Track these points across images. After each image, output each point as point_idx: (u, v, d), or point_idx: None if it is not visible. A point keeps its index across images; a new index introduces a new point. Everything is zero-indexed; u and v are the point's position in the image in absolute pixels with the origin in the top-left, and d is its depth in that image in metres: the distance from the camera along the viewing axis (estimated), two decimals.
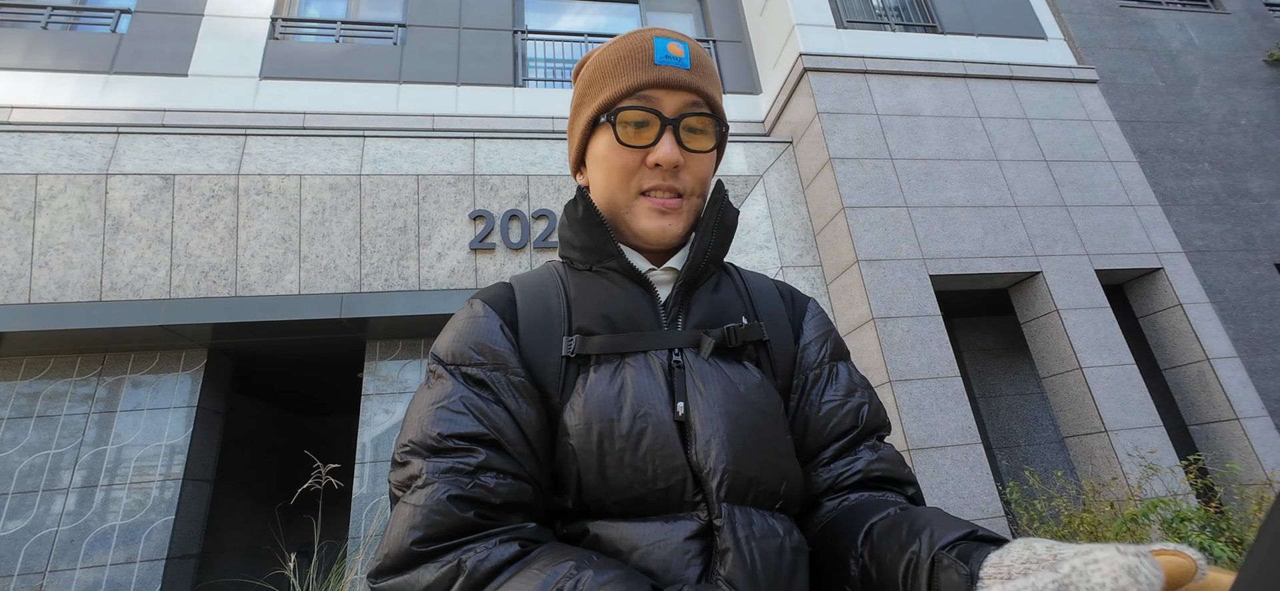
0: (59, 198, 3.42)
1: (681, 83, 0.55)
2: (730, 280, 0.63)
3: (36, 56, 4.14)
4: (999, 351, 4.79)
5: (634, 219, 0.57)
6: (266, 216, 3.60)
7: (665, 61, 0.55)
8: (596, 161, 0.59)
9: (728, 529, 0.46)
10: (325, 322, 3.47)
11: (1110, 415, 3.35)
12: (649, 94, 0.55)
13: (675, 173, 0.56)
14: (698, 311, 0.57)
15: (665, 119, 0.55)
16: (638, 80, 0.55)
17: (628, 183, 0.57)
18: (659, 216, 0.56)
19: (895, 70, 4.37)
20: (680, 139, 0.55)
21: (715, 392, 0.51)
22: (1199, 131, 5.21)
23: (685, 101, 0.56)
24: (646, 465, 0.48)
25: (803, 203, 4.27)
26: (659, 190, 0.56)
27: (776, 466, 0.51)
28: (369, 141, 3.93)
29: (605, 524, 0.48)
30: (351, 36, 4.78)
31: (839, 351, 0.62)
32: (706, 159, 0.58)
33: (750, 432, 0.50)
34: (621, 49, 0.57)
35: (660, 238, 0.57)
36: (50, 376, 3.38)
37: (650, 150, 0.55)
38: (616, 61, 0.57)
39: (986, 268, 3.73)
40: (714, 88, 0.59)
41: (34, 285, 3.25)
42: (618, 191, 0.57)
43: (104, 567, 3.04)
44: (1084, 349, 3.53)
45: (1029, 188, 4.08)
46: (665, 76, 0.55)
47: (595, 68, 0.59)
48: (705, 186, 0.59)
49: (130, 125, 3.74)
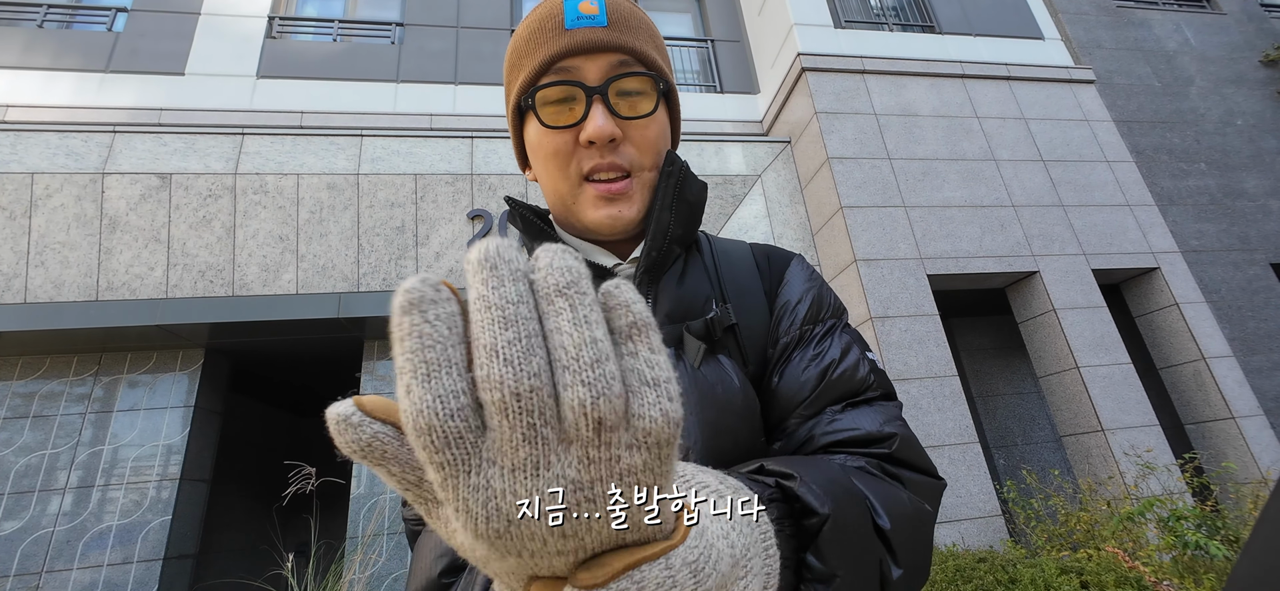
0: (55, 197, 3.40)
1: (600, 43, 0.48)
2: (700, 258, 0.55)
3: (32, 55, 4.12)
4: (996, 351, 4.81)
5: (581, 211, 0.50)
6: (264, 216, 3.59)
7: (577, 23, 0.48)
8: (534, 154, 0.52)
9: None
10: (323, 322, 3.46)
11: (1107, 414, 3.36)
12: (565, 64, 0.48)
13: (615, 148, 0.49)
14: (663, 305, 0.51)
15: (588, 88, 0.47)
16: (550, 52, 0.48)
17: (566, 170, 0.49)
18: (606, 204, 0.49)
19: (893, 70, 4.38)
20: (611, 107, 0.48)
21: (690, 397, 0.46)
22: (1195, 132, 5.23)
23: (610, 63, 0.48)
24: None
25: (801, 202, 4.27)
26: (601, 171, 0.49)
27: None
28: (367, 141, 3.92)
29: None
30: (349, 35, 4.76)
31: (818, 311, 0.53)
32: (650, 124, 0.50)
33: (728, 438, 0.45)
34: (531, 22, 0.50)
35: (612, 227, 0.50)
36: (46, 376, 3.37)
37: (580, 128, 0.48)
38: (527, 37, 0.50)
39: (984, 267, 3.74)
40: (644, 40, 0.50)
41: (30, 284, 3.24)
42: (559, 181, 0.50)
43: (101, 568, 3.03)
44: (1081, 348, 3.55)
45: (1026, 187, 4.10)
46: (579, 40, 0.48)
47: (511, 51, 0.52)
48: (657, 155, 0.51)
49: (127, 124, 3.73)
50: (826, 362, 0.49)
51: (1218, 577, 2.06)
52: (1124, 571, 2.01)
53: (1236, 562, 0.24)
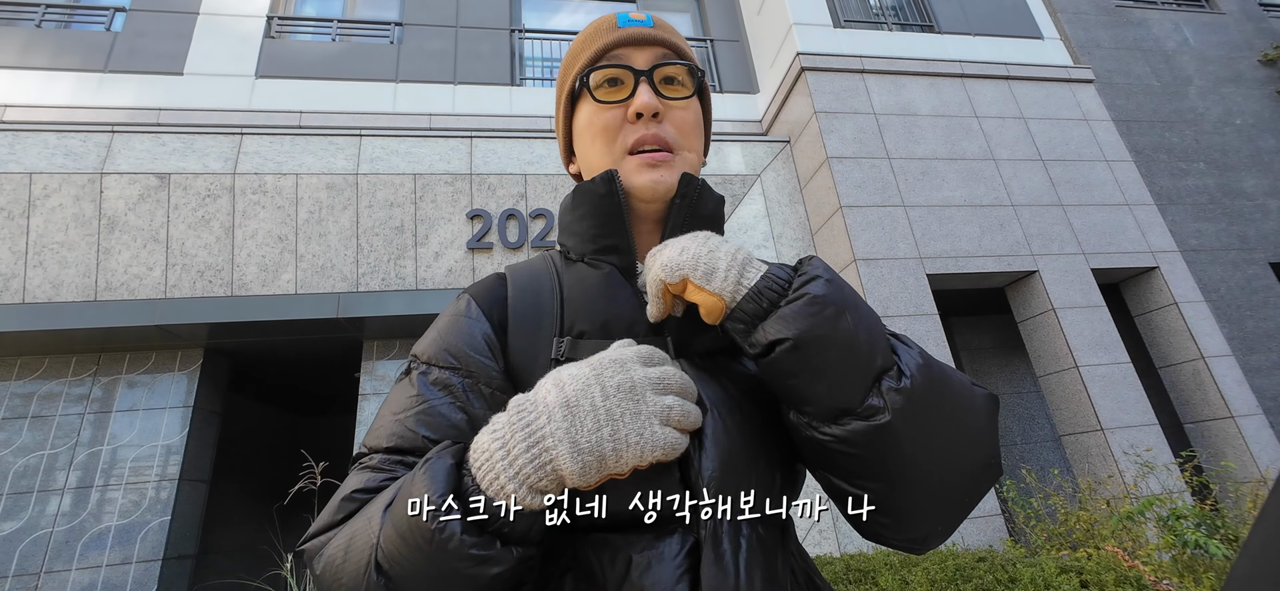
0: (53, 197, 3.40)
1: (648, 38, 0.57)
2: None
3: (30, 55, 4.11)
4: (996, 350, 4.81)
5: (626, 177, 0.56)
6: (263, 216, 3.59)
7: (629, 24, 0.58)
8: (581, 135, 0.59)
9: (711, 541, 0.45)
10: (322, 322, 3.46)
11: (1106, 413, 3.37)
12: (618, 52, 0.57)
13: (658, 122, 0.56)
14: (689, 310, 0.54)
15: (637, 71, 0.56)
16: (604, 43, 0.57)
17: (613, 143, 0.56)
18: (649, 169, 0.55)
19: (892, 69, 4.38)
20: (656, 89, 0.56)
21: (709, 395, 0.49)
22: (1194, 131, 5.24)
23: (655, 54, 0.57)
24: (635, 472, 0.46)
25: (800, 202, 4.27)
26: (646, 143, 0.55)
27: (766, 470, 0.49)
28: (366, 141, 3.92)
29: (592, 533, 0.46)
30: (348, 35, 4.76)
31: None
32: (688, 108, 0.58)
33: (743, 434, 0.48)
34: (587, 30, 0.60)
35: (653, 190, 0.55)
36: (45, 376, 3.36)
37: (629, 103, 0.56)
38: (583, 39, 0.60)
39: (983, 267, 3.74)
40: (682, 43, 0.60)
41: (28, 285, 3.23)
42: (605, 155, 0.57)
43: (100, 568, 3.02)
44: (1080, 348, 3.55)
45: (1025, 187, 4.10)
46: (631, 35, 0.57)
47: (567, 55, 0.62)
48: (694, 142, 0.59)
49: (125, 124, 3.72)
50: None
51: (1217, 576, 2.07)
52: (1124, 570, 2.01)
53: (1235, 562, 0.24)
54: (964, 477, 0.45)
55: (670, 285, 0.47)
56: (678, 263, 0.46)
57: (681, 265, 0.46)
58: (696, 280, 0.45)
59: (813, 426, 0.45)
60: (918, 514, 0.45)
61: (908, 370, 0.43)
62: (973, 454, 0.45)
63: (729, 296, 0.45)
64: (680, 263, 0.46)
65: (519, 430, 0.39)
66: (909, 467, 0.43)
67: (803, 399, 0.44)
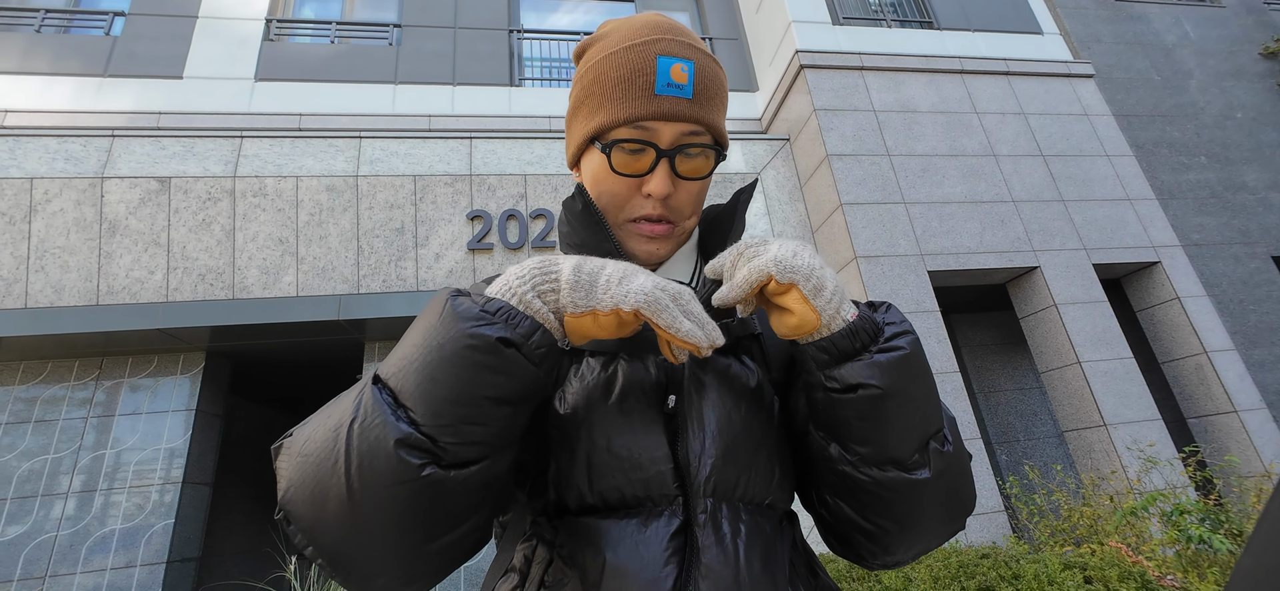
0: (54, 201, 3.40)
1: (682, 114, 0.53)
2: None
3: (31, 60, 4.12)
4: (997, 347, 4.80)
5: (623, 239, 0.58)
6: (263, 219, 3.59)
7: (666, 91, 0.52)
8: (590, 178, 0.58)
9: (709, 527, 0.46)
10: (323, 324, 3.46)
11: (1109, 409, 3.36)
12: (646, 125, 0.53)
13: (665, 202, 0.56)
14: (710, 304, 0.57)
15: (661, 150, 0.53)
16: (635, 112, 0.52)
17: (619, 209, 0.57)
18: (647, 242, 0.57)
19: (892, 66, 4.37)
20: (675, 168, 0.54)
21: (707, 389, 0.50)
22: (1195, 125, 5.22)
23: (684, 131, 0.54)
24: (629, 454, 0.47)
25: (800, 200, 4.27)
26: (650, 219, 0.56)
27: (766, 464, 0.50)
28: (365, 142, 3.92)
29: (584, 519, 0.47)
30: (347, 37, 4.76)
31: None
32: (701, 184, 0.58)
33: (741, 429, 0.50)
34: (623, 68, 0.54)
35: (647, 261, 0.58)
36: (48, 381, 3.37)
37: (644, 180, 0.55)
38: (616, 82, 0.54)
39: (984, 263, 3.73)
40: (717, 111, 0.56)
41: (30, 289, 3.24)
42: (609, 211, 0.58)
43: (104, 572, 3.03)
44: (1082, 343, 3.54)
45: (1026, 183, 4.09)
46: (665, 108, 0.52)
47: (594, 78, 0.56)
48: (697, 206, 0.59)
49: (126, 128, 3.73)
50: None
51: (1222, 571, 2.06)
52: (1127, 566, 2.01)
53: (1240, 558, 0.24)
54: (952, 528, 0.51)
55: (773, 284, 0.44)
56: (793, 266, 0.43)
57: (796, 269, 0.43)
58: (806, 291, 0.43)
59: (852, 463, 0.47)
60: (904, 549, 0.51)
61: (950, 436, 0.48)
62: (967, 510, 0.52)
63: (826, 320, 0.44)
64: (795, 267, 0.43)
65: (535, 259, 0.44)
66: (922, 517, 0.48)
67: (860, 440, 0.45)
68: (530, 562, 0.48)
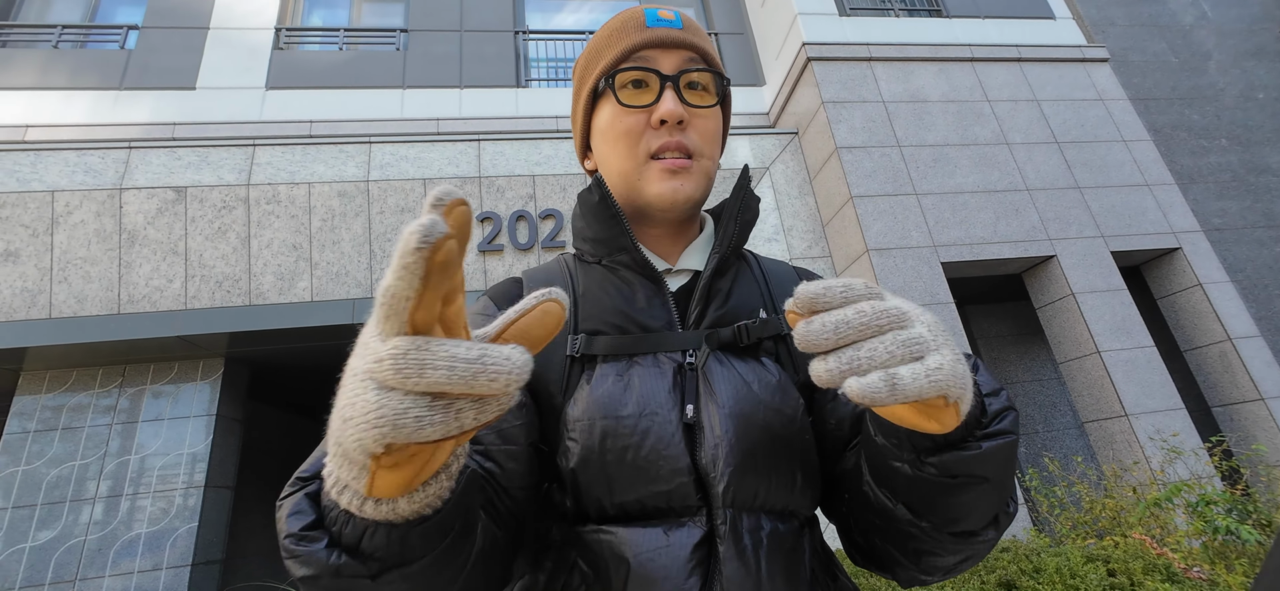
0: (75, 213, 3.48)
1: (676, 40, 0.55)
2: (748, 271, 0.60)
3: (49, 75, 4.21)
4: (1014, 337, 4.73)
5: (646, 185, 0.55)
6: (277, 225, 3.64)
7: (657, 24, 0.56)
8: (602, 136, 0.57)
9: (731, 537, 0.44)
10: (338, 328, 3.50)
11: (1130, 399, 3.30)
12: (645, 54, 0.55)
13: (682, 130, 0.55)
14: (714, 308, 0.55)
15: (664, 76, 0.54)
16: (631, 43, 0.55)
17: (635, 147, 0.55)
18: (670, 178, 0.54)
19: (900, 56, 4.32)
20: (681, 95, 0.55)
21: (727, 394, 0.49)
22: (1215, 107, 5.10)
23: (682, 58, 0.55)
24: (649, 466, 0.46)
25: (810, 194, 4.23)
26: (668, 150, 0.54)
27: (789, 470, 0.49)
28: (375, 147, 3.95)
29: (603, 528, 0.46)
30: (355, 43, 4.80)
31: None
32: (711, 115, 0.57)
33: (762, 434, 0.48)
34: (613, 23, 0.58)
35: (672, 200, 0.54)
36: (73, 389, 3.45)
37: (653, 109, 0.54)
38: (609, 34, 0.57)
39: (999, 253, 3.68)
40: (709, 47, 0.58)
41: (54, 300, 3.32)
42: (626, 159, 0.55)
43: (132, 575, 3.10)
44: (1101, 332, 3.48)
45: (1040, 170, 4.02)
46: (659, 36, 0.55)
47: (590, 47, 0.59)
48: (714, 147, 0.58)
49: (142, 140, 3.80)
50: None
51: (1250, 563, 2.02)
52: (1152, 558, 1.97)
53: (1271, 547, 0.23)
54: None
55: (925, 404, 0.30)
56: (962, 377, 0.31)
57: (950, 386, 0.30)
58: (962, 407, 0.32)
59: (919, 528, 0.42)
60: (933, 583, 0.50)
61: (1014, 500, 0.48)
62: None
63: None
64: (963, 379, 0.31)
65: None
66: (964, 565, 0.48)
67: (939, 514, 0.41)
68: (550, 568, 0.48)
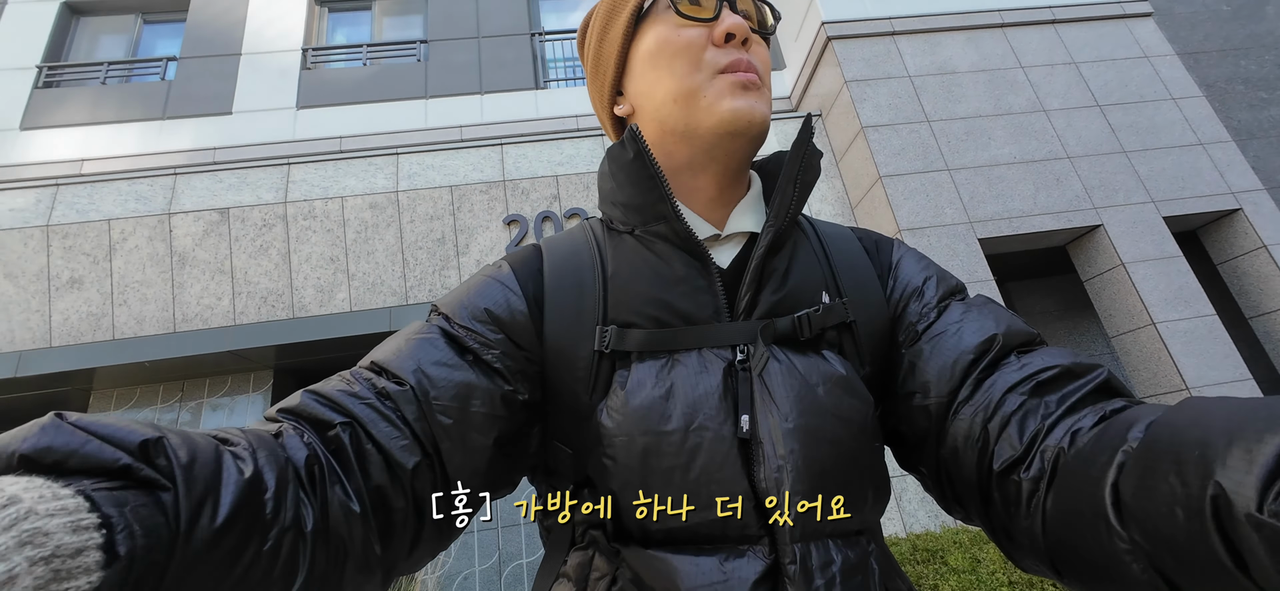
0: (130, 239, 3.68)
1: None
2: (806, 243, 0.51)
3: (99, 110, 4.46)
4: (1062, 313, 4.54)
5: (717, 100, 0.46)
6: (315, 239, 3.77)
7: None
8: (650, 60, 0.48)
9: (801, 578, 0.39)
10: (377, 336, 3.61)
11: (1191, 372, 3.12)
12: None
13: (748, 48, 0.48)
14: (769, 293, 0.46)
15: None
16: None
17: (697, 65, 0.47)
18: (743, 92, 0.46)
19: (925, 28, 4.17)
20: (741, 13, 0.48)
21: (789, 403, 0.42)
22: (1274, 56, 4.76)
23: None
24: (699, 491, 0.40)
25: (837, 176, 4.14)
26: (738, 68, 0.46)
27: (861, 487, 0.43)
28: (402, 158, 4.05)
29: (647, 553, 0.41)
30: (377, 58, 4.92)
31: (949, 287, 0.50)
32: (764, 47, 0.51)
33: (831, 450, 0.42)
34: None
35: (750, 118, 0.46)
36: (138, 405, 3.66)
37: (714, 23, 0.47)
38: None
39: (1040, 226, 3.53)
40: None
41: (116, 322, 3.52)
42: (687, 76, 0.47)
43: None
44: (1156, 303, 3.30)
45: (1082, 137, 3.83)
46: None
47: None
48: (768, 74, 0.51)
49: (186, 166, 3.99)
50: (990, 321, 0.45)
51: None
52: None
53: None
54: None
55: None
56: None
57: None
58: None
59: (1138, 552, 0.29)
60: None
61: None
62: None
63: None
64: None
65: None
66: None
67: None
68: (587, 575, 0.44)
